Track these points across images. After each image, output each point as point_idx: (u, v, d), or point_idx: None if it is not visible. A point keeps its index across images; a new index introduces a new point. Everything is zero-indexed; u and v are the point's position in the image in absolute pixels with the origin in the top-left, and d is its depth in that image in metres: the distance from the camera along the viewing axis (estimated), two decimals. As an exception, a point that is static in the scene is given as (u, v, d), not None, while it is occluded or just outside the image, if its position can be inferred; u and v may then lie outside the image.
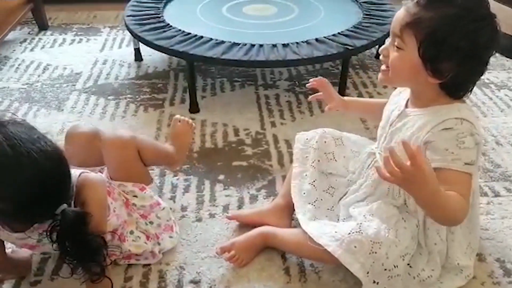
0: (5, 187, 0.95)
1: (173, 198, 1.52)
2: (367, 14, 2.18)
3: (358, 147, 1.40)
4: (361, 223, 1.16)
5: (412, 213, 1.20)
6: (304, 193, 1.36)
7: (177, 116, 1.51)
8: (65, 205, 1.02)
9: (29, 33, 2.72)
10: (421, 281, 1.18)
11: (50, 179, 0.99)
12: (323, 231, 1.19)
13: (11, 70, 2.31)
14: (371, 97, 2.07)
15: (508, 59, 2.43)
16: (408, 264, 1.17)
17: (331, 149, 1.40)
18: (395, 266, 1.13)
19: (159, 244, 1.32)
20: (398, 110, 1.21)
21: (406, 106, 1.20)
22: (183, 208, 1.49)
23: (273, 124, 1.92)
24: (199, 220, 1.45)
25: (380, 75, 1.18)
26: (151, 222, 1.32)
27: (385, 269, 1.12)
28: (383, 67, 1.16)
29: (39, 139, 0.99)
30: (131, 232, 1.27)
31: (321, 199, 1.35)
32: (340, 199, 1.34)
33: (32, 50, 2.52)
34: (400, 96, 1.25)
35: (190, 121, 1.51)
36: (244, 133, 1.86)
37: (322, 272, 1.28)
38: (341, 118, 1.89)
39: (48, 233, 1.02)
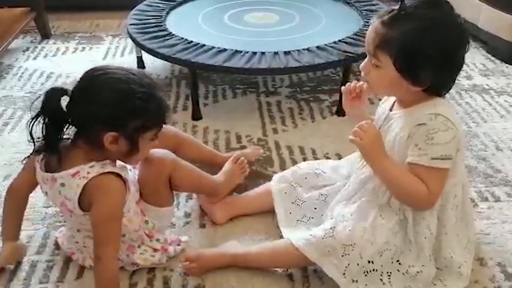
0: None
1: (176, 205, 1.53)
2: (367, 21, 2.20)
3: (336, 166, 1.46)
4: (334, 227, 1.21)
5: (396, 211, 1.22)
6: (290, 213, 1.42)
7: (238, 154, 1.61)
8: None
9: (32, 42, 2.74)
10: (411, 277, 1.20)
11: None
12: (300, 236, 1.25)
13: (15, 79, 2.33)
14: (371, 103, 2.09)
15: (507, 65, 2.45)
16: (398, 261, 1.20)
17: (314, 167, 1.47)
18: (369, 262, 1.17)
19: (167, 255, 1.33)
20: (384, 114, 1.26)
21: (391, 109, 1.25)
22: (187, 215, 1.50)
23: (275, 131, 1.94)
24: (202, 226, 1.47)
25: (365, 85, 1.24)
26: (157, 240, 1.33)
27: (360, 267, 1.18)
28: (365, 84, 1.22)
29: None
30: (139, 246, 1.29)
31: (310, 214, 1.40)
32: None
33: (35, 58, 2.55)
34: (386, 102, 1.29)
35: (246, 165, 1.58)
36: (246, 140, 1.88)
37: (325, 278, 1.29)
38: (341, 124, 1.91)
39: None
